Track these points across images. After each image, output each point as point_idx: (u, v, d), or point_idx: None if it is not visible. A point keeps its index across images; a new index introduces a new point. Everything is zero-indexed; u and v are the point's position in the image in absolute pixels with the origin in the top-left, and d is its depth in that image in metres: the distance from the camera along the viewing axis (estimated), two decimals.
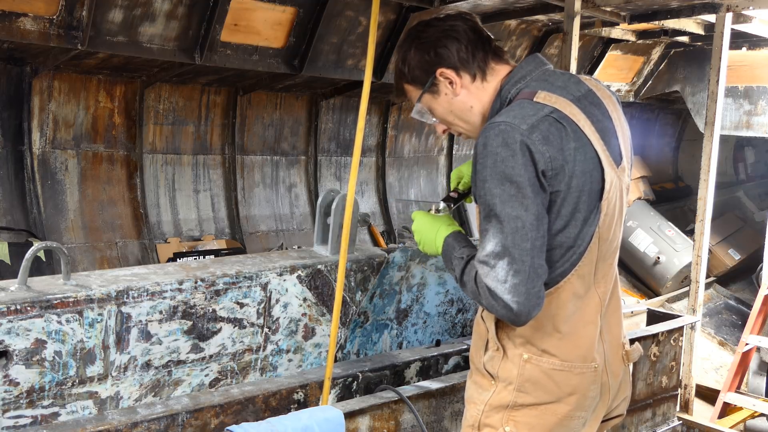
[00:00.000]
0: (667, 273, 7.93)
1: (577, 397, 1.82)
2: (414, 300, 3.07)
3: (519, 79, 1.83)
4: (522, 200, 1.64)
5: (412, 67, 1.88)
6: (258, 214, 6.23)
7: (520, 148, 1.64)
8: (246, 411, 2.36)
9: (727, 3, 4.49)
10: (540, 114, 1.70)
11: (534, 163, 1.65)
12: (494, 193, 1.65)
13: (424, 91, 1.89)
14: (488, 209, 1.67)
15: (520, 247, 1.64)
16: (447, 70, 1.84)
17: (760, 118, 7.09)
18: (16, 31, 3.94)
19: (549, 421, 1.81)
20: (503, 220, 1.64)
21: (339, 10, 5.18)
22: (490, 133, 1.68)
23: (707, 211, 4.39)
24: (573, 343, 1.81)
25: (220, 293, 2.40)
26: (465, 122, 1.91)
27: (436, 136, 7.61)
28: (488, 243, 1.67)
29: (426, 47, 1.85)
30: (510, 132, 1.65)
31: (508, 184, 1.64)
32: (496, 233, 1.65)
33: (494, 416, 1.84)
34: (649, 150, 9.73)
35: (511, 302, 1.64)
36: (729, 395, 5.02)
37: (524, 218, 1.64)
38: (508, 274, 1.64)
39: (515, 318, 1.67)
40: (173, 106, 5.60)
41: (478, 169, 1.69)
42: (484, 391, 1.87)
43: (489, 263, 1.66)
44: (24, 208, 4.87)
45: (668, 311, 4.46)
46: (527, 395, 1.81)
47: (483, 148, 1.68)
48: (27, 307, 2.00)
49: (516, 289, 1.63)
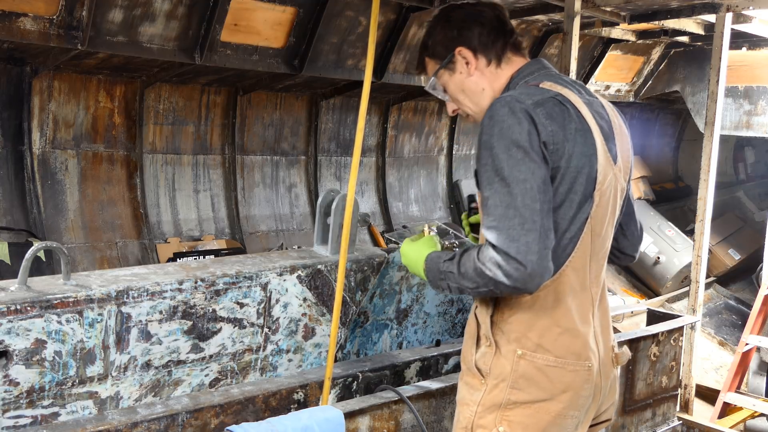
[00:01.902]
0: (667, 273, 7.93)
1: (570, 395, 1.81)
2: (414, 300, 3.07)
3: (528, 73, 1.91)
4: (529, 164, 1.67)
5: (436, 42, 1.97)
6: (258, 214, 6.23)
7: (525, 116, 1.70)
8: (246, 411, 2.36)
9: (727, 3, 4.49)
10: (545, 95, 1.77)
11: (538, 133, 1.70)
12: (501, 158, 1.68)
13: (441, 66, 1.97)
14: (494, 175, 1.69)
15: (530, 208, 1.65)
16: (466, 50, 1.92)
17: (760, 118, 7.09)
18: (16, 31, 3.94)
19: (543, 420, 1.80)
20: (511, 182, 1.66)
21: (339, 10, 5.18)
22: (496, 104, 1.74)
23: (707, 211, 4.39)
24: (569, 340, 1.80)
25: (220, 293, 2.40)
26: (474, 103, 1.97)
27: (436, 135, 7.61)
28: (496, 208, 1.68)
29: (451, 26, 1.95)
30: (515, 103, 1.72)
31: (515, 149, 1.68)
32: (503, 197, 1.67)
33: (487, 417, 1.82)
34: (649, 150, 9.73)
35: (525, 261, 1.63)
36: (729, 395, 5.02)
37: (531, 181, 1.67)
38: (520, 233, 1.64)
39: (528, 279, 1.65)
40: (173, 106, 5.60)
41: (483, 139, 1.73)
42: (475, 391, 1.86)
43: (499, 227, 1.66)
44: (24, 208, 4.87)
45: (668, 311, 4.46)
46: (521, 392, 1.79)
47: (489, 119, 1.73)
48: (27, 307, 2.00)
49: (529, 247, 1.64)
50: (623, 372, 3.34)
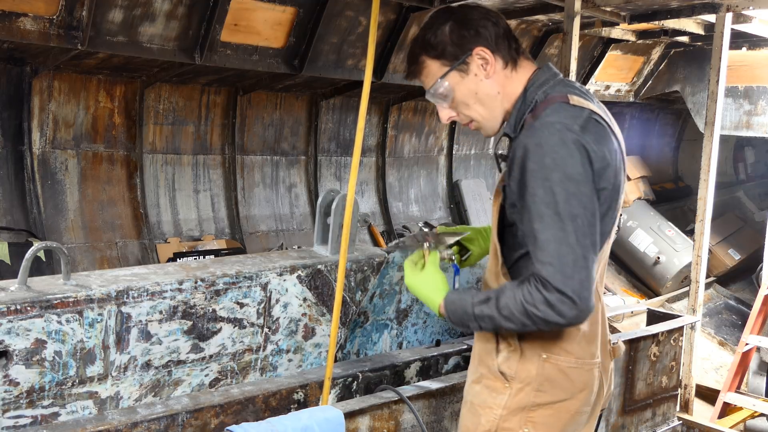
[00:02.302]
0: (667, 273, 7.94)
1: (587, 392, 1.86)
2: (414, 300, 3.07)
3: (542, 83, 1.84)
4: (581, 198, 1.65)
5: (445, 41, 1.83)
6: (258, 214, 6.23)
7: (577, 147, 1.65)
8: (246, 411, 2.36)
9: (727, 3, 4.49)
10: (583, 115, 1.72)
11: (590, 162, 1.67)
12: (554, 192, 1.64)
13: (453, 68, 1.83)
14: (545, 208, 1.65)
15: (582, 244, 1.64)
16: (484, 50, 1.82)
17: (760, 118, 7.09)
18: (16, 31, 3.94)
19: (563, 419, 1.84)
20: (564, 218, 1.64)
21: (339, 10, 5.18)
22: (544, 132, 1.67)
23: (707, 211, 4.39)
24: (587, 340, 1.85)
25: (220, 293, 2.40)
26: (485, 108, 1.88)
27: (436, 135, 7.61)
28: (548, 243, 1.64)
29: (466, 24, 1.83)
30: (565, 132, 1.66)
31: (568, 182, 1.64)
32: (556, 233, 1.64)
33: (512, 419, 1.84)
34: (649, 150, 9.73)
35: (580, 299, 1.62)
36: (729, 395, 5.02)
37: (584, 216, 1.65)
38: (574, 270, 1.63)
39: (580, 315, 1.65)
40: (173, 106, 5.60)
41: (531, 167, 1.67)
42: (498, 394, 1.86)
43: (553, 264, 1.63)
44: (24, 208, 4.87)
45: (668, 311, 4.47)
46: (545, 394, 1.82)
47: (537, 147, 1.67)
48: (27, 307, 2.00)
49: (582, 284, 1.63)
50: (623, 372, 3.35)
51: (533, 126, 1.71)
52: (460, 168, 7.89)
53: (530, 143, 1.68)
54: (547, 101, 1.78)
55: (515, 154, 1.73)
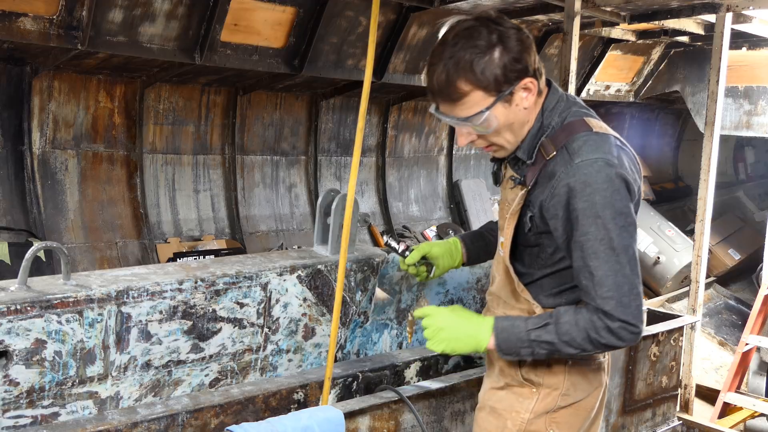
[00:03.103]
0: (667, 273, 7.93)
1: (600, 389, 1.99)
2: (414, 300, 3.06)
3: (554, 107, 1.83)
4: (629, 228, 1.73)
5: (496, 72, 1.70)
6: (258, 214, 6.23)
7: (621, 182, 1.72)
8: (246, 411, 2.36)
9: (727, 3, 4.49)
10: (614, 143, 1.77)
11: (630, 194, 1.75)
12: (608, 229, 1.70)
13: (499, 99, 1.72)
14: (600, 245, 1.71)
15: (635, 272, 1.74)
16: (533, 81, 1.76)
17: (760, 118, 7.09)
18: (16, 31, 3.94)
19: (582, 416, 1.95)
20: (619, 252, 1.71)
21: (339, 10, 5.18)
22: (589, 170, 1.71)
23: (707, 211, 4.39)
24: None
25: (220, 293, 2.40)
26: (513, 135, 1.83)
27: (436, 135, 7.61)
28: (607, 278, 1.71)
29: (514, 52, 1.71)
30: (608, 168, 1.71)
31: (619, 217, 1.71)
32: (613, 266, 1.71)
33: (538, 422, 1.93)
34: (649, 150, 9.73)
35: (638, 323, 1.73)
36: (729, 395, 5.02)
37: (633, 245, 1.75)
38: (631, 298, 1.72)
39: (635, 339, 1.75)
40: (173, 106, 5.60)
41: (581, 206, 1.71)
42: (525, 399, 1.95)
43: (614, 296, 1.72)
44: (24, 208, 4.87)
45: (668, 311, 4.46)
46: (569, 397, 1.93)
47: (584, 186, 1.70)
48: (27, 307, 2.00)
49: (639, 309, 1.73)
50: (623, 372, 3.35)
51: (571, 164, 1.73)
52: (460, 168, 7.89)
53: (574, 182, 1.71)
54: (569, 129, 1.78)
55: (556, 192, 1.74)
